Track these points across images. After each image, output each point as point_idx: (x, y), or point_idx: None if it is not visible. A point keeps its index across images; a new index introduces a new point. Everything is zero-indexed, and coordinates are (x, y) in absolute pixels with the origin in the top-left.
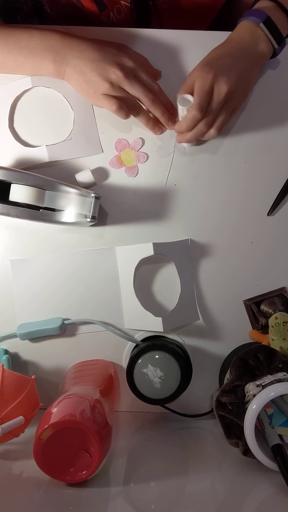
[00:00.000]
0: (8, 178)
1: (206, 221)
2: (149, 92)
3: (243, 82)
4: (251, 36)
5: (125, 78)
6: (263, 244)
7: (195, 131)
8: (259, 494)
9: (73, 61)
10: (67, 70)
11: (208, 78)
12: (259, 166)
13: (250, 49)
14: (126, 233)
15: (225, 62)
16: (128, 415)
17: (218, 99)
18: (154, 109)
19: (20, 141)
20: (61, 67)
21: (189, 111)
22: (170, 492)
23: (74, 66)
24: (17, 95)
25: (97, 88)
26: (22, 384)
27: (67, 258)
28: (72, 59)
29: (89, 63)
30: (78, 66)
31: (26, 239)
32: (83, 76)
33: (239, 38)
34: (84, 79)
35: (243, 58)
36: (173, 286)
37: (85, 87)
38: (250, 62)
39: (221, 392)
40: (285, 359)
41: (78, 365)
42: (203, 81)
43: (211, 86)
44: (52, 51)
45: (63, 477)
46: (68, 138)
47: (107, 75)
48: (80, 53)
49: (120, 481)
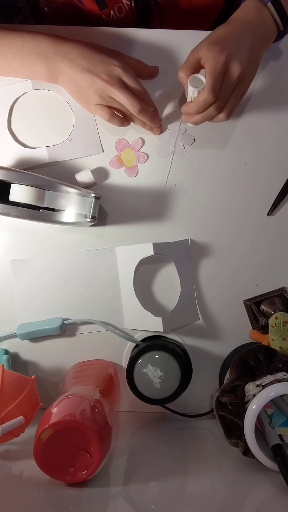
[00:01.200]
0: (8, 178)
1: (206, 221)
2: (135, 102)
3: (252, 63)
4: (257, 15)
5: (112, 87)
6: (263, 244)
7: (205, 114)
8: (259, 494)
9: (65, 69)
10: (60, 77)
11: (221, 59)
12: (259, 166)
13: (257, 28)
14: (126, 233)
15: (235, 41)
16: (128, 415)
17: (231, 81)
18: (142, 117)
19: (20, 143)
20: (54, 74)
21: (201, 93)
22: (170, 492)
23: (66, 74)
24: (17, 96)
25: (88, 98)
26: (22, 384)
27: (67, 258)
28: (64, 67)
29: (79, 73)
30: (69, 75)
31: (26, 239)
32: (75, 85)
33: (246, 17)
34: (76, 88)
35: (251, 38)
36: (173, 286)
37: (78, 96)
38: (258, 42)
39: (221, 392)
40: (285, 359)
41: (78, 365)
42: (215, 61)
43: (224, 67)
44: (45, 58)
45: (63, 477)
46: (68, 139)
47: (96, 86)
48: (70, 62)
49: (120, 481)
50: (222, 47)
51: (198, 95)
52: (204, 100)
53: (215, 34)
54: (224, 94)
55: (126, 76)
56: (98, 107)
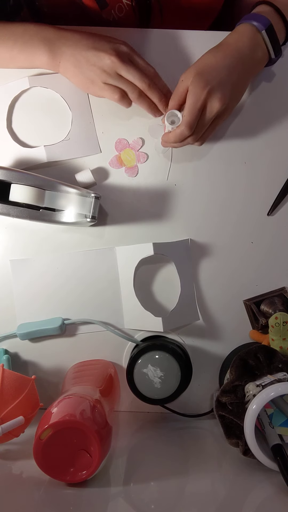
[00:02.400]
0: (8, 178)
1: (206, 221)
2: (145, 77)
3: (235, 94)
4: (250, 42)
5: (120, 62)
6: (263, 244)
7: (181, 143)
8: (259, 494)
9: (68, 51)
10: (62, 61)
11: (202, 95)
12: (259, 166)
13: (247, 56)
14: (126, 233)
15: (220, 74)
16: (128, 415)
17: (209, 116)
18: (150, 94)
19: (18, 142)
20: (55, 58)
21: (178, 127)
22: (170, 492)
23: (69, 56)
24: (15, 95)
25: (94, 78)
26: (22, 384)
27: (67, 258)
28: (66, 49)
29: (84, 52)
30: (73, 56)
31: (26, 239)
32: (79, 67)
33: (238, 44)
34: (80, 70)
35: (239, 68)
36: (173, 286)
37: (82, 78)
38: (245, 72)
39: (221, 392)
40: (285, 359)
41: (78, 365)
42: (196, 97)
43: (204, 103)
44: (46, 42)
45: (63, 477)
46: (66, 138)
47: (102, 62)
48: (74, 43)
49: (120, 481)
50: (206, 82)
51: (176, 129)
52: (181, 133)
53: (202, 62)
54: (201, 127)
55: (134, 54)
56: (107, 87)
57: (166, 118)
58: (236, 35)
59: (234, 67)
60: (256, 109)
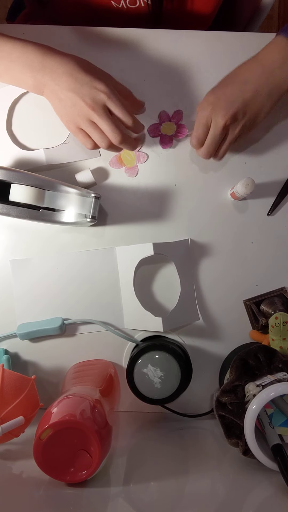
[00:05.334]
0: (8, 178)
1: (206, 221)
2: (117, 132)
3: (250, 113)
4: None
5: (95, 114)
6: (263, 244)
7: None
8: (259, 494)
9: (50, 84)
10: (46, 91)
11: (206, 112)
12: (259, 166)
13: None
14: (126, 233)
15: (228, 94)
16: (128, 415)
17: (215, 132)
18: (123, 147)
19: (18, 144)
20: (40, 86)
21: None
22: (170, 492)
23: (51, 89)
24: (15, 98)
25: (71, 118)
26: (22, 384)
27: (67, 258)
28: (50, 82)
29: (65, 91)
30: (55, 91)
31: (26, 239)
32: (59, 102)
33: (266, 57)
34: (60, 105)
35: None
36: (173, 286)
37: (63, 114)
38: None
39: (221, 392)
40: (285, 359)
41: (78, 365)
42: (201, 113)
43: (209, 119)
44: (31, 68)
45: (63, 477)
46: (65, 142)
47: (79, 108)
48: (58, 78)
49: (120, 481)
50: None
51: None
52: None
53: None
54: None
55: (111, 103)
56: (80, 134)
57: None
58: (268, 48)
59: (252, 83)
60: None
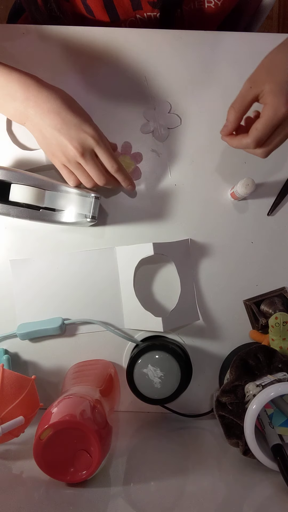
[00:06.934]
0: (8, 178)
1: (206, 221)
2: (102, 176)
3: None
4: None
5: (82, 157)
6: (263, 244)
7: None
8: (259, 494)
9: (35, 118)
10: (28, 123)
11: (281, 111)
12: (259, 166)
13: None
14: (126, 233)
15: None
16: (128, 415)
17: (282, 134)
18: (107, 186)
19: (18, 144)
20: (22, 118)
21: (245, 138)
22: (170, 492)
23: (35, 124)
24: None
25: (55, 155)
26: (22, 384)
27: (67, 258)
28: (34, 116)
29: (50, 129)
30: (39, 125)
31: (26, 239)
32: (42, 138)
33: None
34: (44, 141)
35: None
36: (173, 286)
37: (45, 147)
38: None
39: (221, 392)
40: (285, 359)
41: (78, 365)
42: (275, 113)
43: (281, 121)
44: (14, 99)
45: (63, 477)
46: None
47: (65, 149)
48: (43, 114)
49: (120, 481)
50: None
51: (242, 137)
52: (246, 145)
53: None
54: (268, 142)
55: (99, 149)
56: (64, 170)
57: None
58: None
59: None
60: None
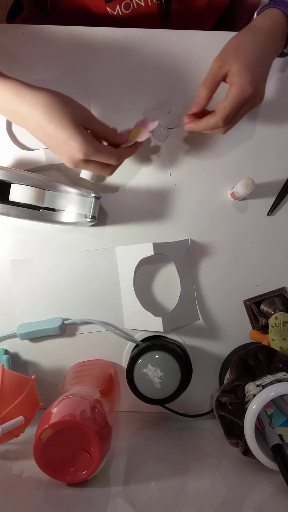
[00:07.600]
0: (8, 178)
1: (206, 221)
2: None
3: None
4: (281, 30)
5: (79, 167)
6: (263, 244)
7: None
8: (259, 494)
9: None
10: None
11: (248, 90)
12: (259, 166)
13: (278, 45)
14: (126, 233)
15: (264, 70)
16: (128, 415)
17: (245, 112)
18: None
19: (18, 144)
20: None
21: (213, 116)
22: (170, 492)
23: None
24: None
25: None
26: (22, 384)
27: (67, 258)
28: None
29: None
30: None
31: (26, 239)
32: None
33: (273, 31)
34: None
35: (273, 56)
36: (173, 286)
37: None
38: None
39: (221, 392)
40: (285, 359)
41: (78, 365)
42: (242, 92)
43: (247, 100)
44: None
45: (63, 477)
46: None
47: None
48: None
49: (120, 481)
50: (253, 77)
51: (210, 117)
52: (215, 124)
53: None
54: (235, 120)
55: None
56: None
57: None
58: (270, 19)
59: (271, 56)
60: (256, 109)
